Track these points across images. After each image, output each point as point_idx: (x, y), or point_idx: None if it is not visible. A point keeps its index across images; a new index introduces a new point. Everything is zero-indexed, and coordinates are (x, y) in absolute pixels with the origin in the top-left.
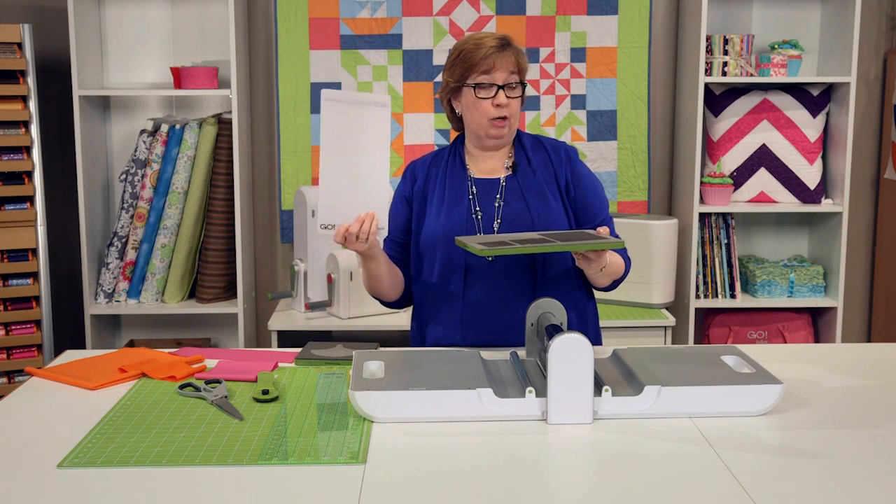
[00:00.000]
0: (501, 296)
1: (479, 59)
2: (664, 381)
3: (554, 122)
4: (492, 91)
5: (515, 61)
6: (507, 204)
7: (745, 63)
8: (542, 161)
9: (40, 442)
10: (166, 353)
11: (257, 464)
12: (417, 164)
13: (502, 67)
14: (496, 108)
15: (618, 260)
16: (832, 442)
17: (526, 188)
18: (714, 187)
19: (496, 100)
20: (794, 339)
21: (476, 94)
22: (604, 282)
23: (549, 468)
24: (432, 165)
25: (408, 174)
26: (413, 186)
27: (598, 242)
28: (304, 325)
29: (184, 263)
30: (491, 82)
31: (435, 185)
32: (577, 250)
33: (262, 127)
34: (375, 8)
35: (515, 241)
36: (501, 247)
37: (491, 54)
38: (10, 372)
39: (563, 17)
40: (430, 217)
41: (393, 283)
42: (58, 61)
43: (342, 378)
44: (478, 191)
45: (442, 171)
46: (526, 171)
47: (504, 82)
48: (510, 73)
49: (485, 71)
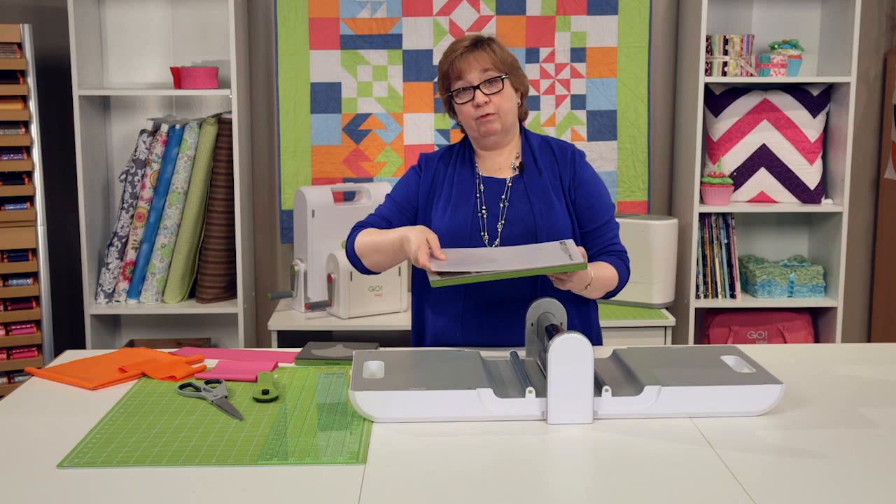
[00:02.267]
0: (502, 294)
1: (449, 67)
2: (664, 381)
3: (554, 122)
4: (468, 94)
5: (489, 57)
6: (512, 205)
7: (745, 63)
8: (548, 163)
9: (40, 442)
10: (166, 353)
11: (257, 464)
12: (429, 156)
13: (473, 67)
14: (476, 108)
15: (609, 273)
16: (832, 442)
17: (531, 190)
18: (714, 187)
19: (475, 101)
20: (794, 339)
21: (456, 100)
22: (595, 294)
23: (549, 468)
24: (441, 162)
25: (420, 163)
26: (423, 174)
27: (555, 266)
28: (304, 325)
29: (184, 263)
30: (466, 85)
31: (443, 181)
32: (531, 275)
33: (262, 127)
34: (375, 8)
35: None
36: (457, 276)
37: (458, 58)
38: (10, 372)
39: (563, 17)
40: (436, 213)
41: (386, 265)
42: (58, 61)
43: (342, 378)
44: (485, 189)
45: (451, 167)
46: (532, 173)
47: (479, 81)
48: (483, 71)
49: (457, 76)
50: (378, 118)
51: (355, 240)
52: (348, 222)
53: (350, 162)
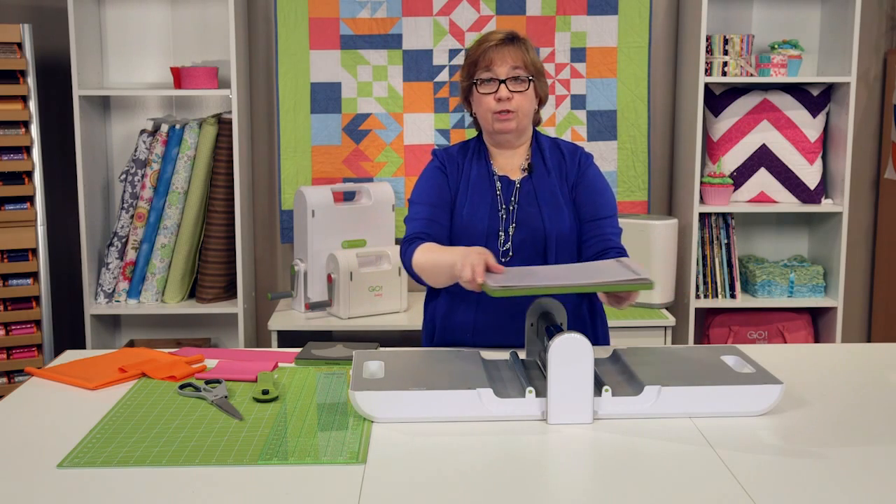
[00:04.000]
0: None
1: (480, 55)
2: (664, 381)
3: (554, 122)
4: (493, 86)
5: (521, 56)
6: (521, 207)
7: (745, 63)
8: (556, 165)
9: (40, 442)
10: (166, 353)
11: (257, 464)
12: (445, 152)
13: (504, 62)
14: (498, 101)
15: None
16: (832, 442)
17: (539, 193)
18: (714, 187)
19: (498, 94)
20: (794, 339)
21: (478, 89)
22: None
23: (549, 468)
24: (459, 156)
25: (438, 156)
26: (446, 167)
27: (621, 281)
28: (304, 325)
29: (184, 263)
30: (492, 77)
31: (460, 177)
32: (597, 290)
33: (262, 127)
34: (375, 8)
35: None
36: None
37: (491, 49)
38: (10, 372)
39: (563, 17)
40: (456, 211)
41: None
42: (58, 61)
43: (342, 378)
44: (501, 187)
45: (467, 162)
46: (541, 175)
47: (506, 76)
48: (513, 67)
49: (486, 66)
50: (378, 118)
51: (412, 259)
52: (348, 222)
53: (350, 162)
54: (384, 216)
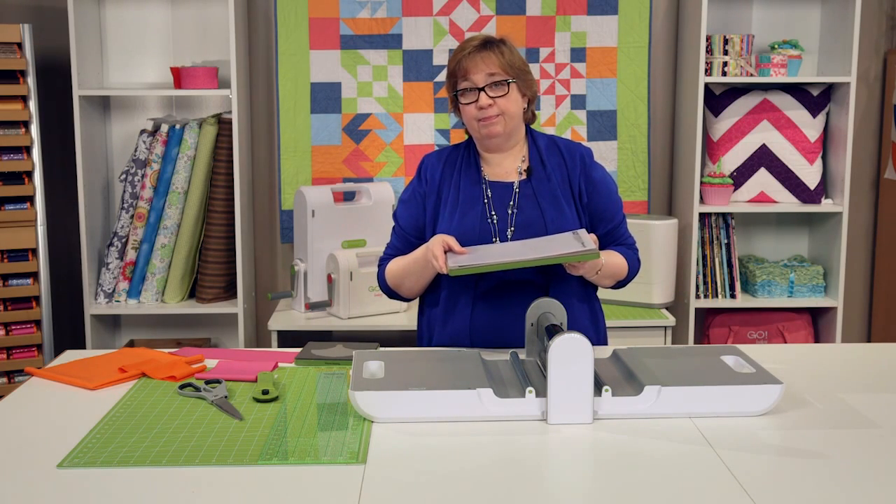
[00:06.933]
0: (514, 291)
1: (455, 67)
2: (664, 381)
3: (554, 122)
4: (473, 95)
5: (496, 60)
6: (521, 211)
7: (745, 63)
8: (556, 165)
9: (40, 442)
10: (166, 353)
11: (257, 464)
12: (432, 159)
13: (478, 70)
14: (479, 110)
15: (619, 260)
16: (832, 442)
17: (540, 195)
18: (714, 187)
19: (478, 103)
20: (794, 339)
21: (460, 100)
22: (605, 283)
23: (549, 468)
24: (447, 165)
25: (422, 170)
26: (427, 184)
27: (567, 254)
28: (304, 325)
29: (184, 263)
30: (471, 86)
31: (449, 185)
32: (545, 263)
33: (262, 127)
34: (375, 8)
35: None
36: (472, 266)
37: (465, 59)
38: (10, 372)
39: (563, 17)
40: (443, 219)
41: (419, 286)
42: (58, 61)
43: (342, 378)
44: (493, 194)
45: (456, 171)
46: (540, 177)
47: (484, 83)
48: (489, 74)
49: (463, 76)
50: (378, 118)
51: (384, 275)
52: (348, 222)
53: (350, 162)
54: (384, 216)
